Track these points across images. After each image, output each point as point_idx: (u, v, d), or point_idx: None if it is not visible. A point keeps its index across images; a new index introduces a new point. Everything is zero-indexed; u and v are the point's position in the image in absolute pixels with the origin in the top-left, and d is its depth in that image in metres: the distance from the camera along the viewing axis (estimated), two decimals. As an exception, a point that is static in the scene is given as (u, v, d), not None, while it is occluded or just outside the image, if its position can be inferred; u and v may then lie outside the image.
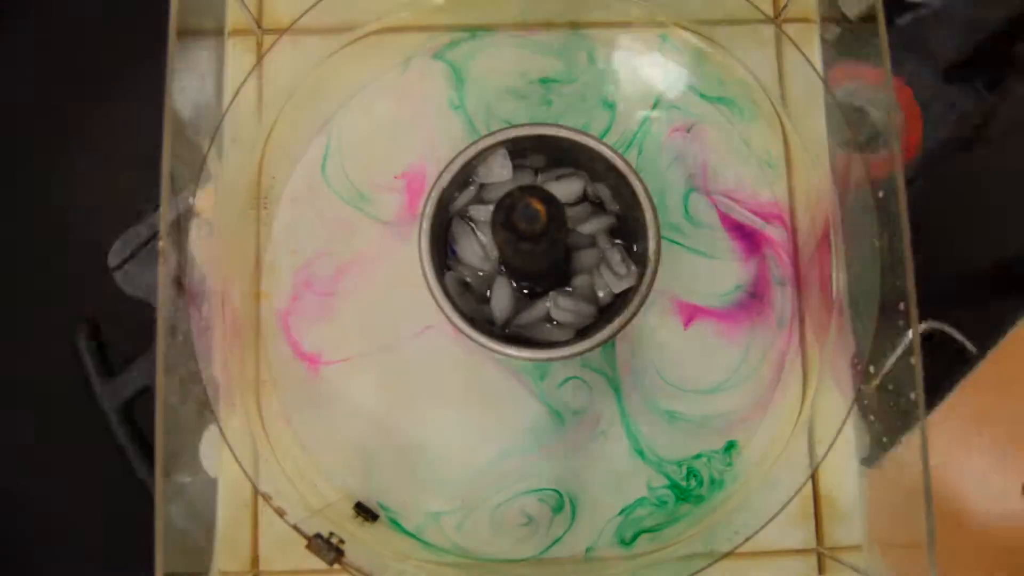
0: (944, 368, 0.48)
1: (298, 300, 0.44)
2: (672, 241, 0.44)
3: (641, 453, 0.42)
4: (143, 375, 0.50)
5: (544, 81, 0.45)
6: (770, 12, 0.46)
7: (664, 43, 0.46)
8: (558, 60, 0.46)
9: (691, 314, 0.44)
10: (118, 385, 0.50)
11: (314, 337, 0.43)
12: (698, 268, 0.44)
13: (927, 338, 0.47)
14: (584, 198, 0.42)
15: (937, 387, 0.48)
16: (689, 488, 0.42)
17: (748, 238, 0.44)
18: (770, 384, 0.43)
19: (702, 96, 0.45)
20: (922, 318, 0.36)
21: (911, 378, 0.35)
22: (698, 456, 0.43)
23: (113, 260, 0.51)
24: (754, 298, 0.44)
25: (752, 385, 0.43)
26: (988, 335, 0.49)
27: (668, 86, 0.45)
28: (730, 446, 0.43)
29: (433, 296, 0.38)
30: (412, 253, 0.39)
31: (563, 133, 0.39)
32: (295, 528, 0.38)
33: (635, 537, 0.42)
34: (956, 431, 0.48)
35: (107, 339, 0.52)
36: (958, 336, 0.48)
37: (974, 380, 0.48)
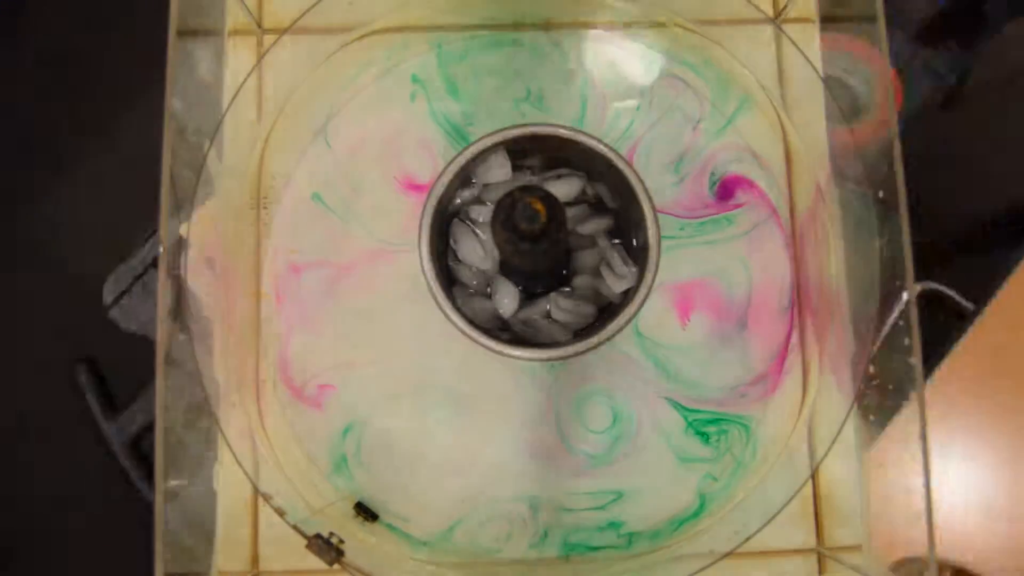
0: (943, 327, 0.49)
1: (297, 308, 0.44)
2: (670, 236, 0.44)
3: (665, 449, 0.42)
4: (147, 411, 0.50)
5: (542, 80, 0.45)
6: (770, 12, 0.46)
7: (664, 44, 0.46)
8: (557, 60, 0.46)
9: (691, 312, 0.44)
10: (123, 422, 0.50)
11: (314, 339, 0.43)
12: (698, 265, 0.44)
13: (924, 300, 0.47)
14: (583, 197, 0.42)
15: (938, 346, 0.49)
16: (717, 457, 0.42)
17: (745, 230, 0.44)
18: (770, 383, 0.43)
19: (701, 94, 0.45)
20: (917, 279, 0.36)
21: (911, 377, 0.35)
22: (713, 422, 0.43)
23: (108, 297, 0.51)
24: (753, 295, 0.44)
25: (751, 384, 0.43)
26: (983, 290, 0.49)
27: (667, 86, 0.45)
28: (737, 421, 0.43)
29: (434, 297, 0.38)
30: (412, 254, 0.39)
31: (562, 132, 0.39)
32: (295, 528, 0.38)
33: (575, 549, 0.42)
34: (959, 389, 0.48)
35: (109, 376, 0.52)
36: (955, 296, 0.48)
37: (974, 335, 0.49)
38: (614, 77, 0.45)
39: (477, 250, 0.41)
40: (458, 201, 0.42)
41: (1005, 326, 0.49)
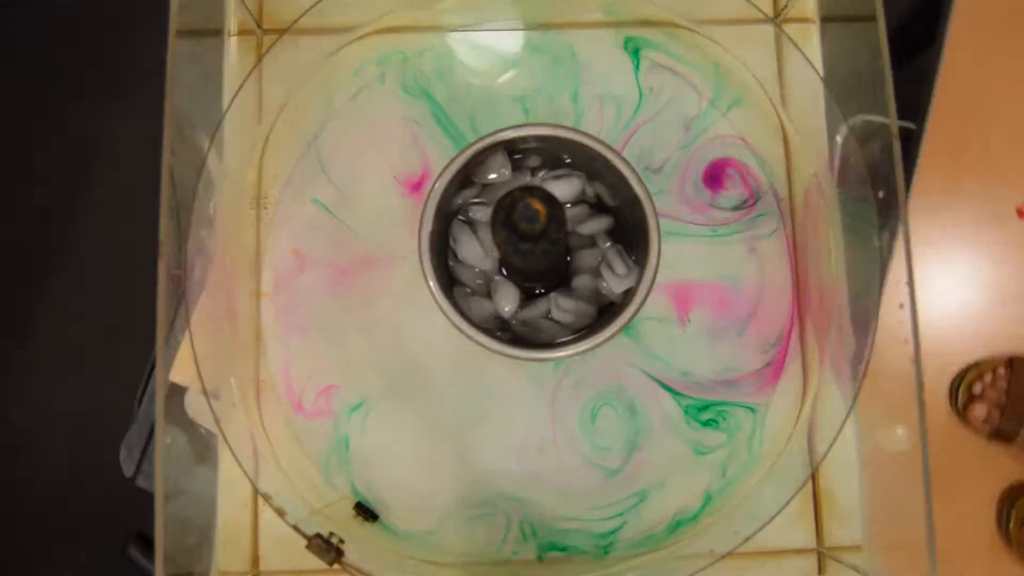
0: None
1: (297, 308, 0.44)
2: (671, 234, 0.44)
3: (677, 442, 0.42)
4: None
5: (540, 79, 0.45)
6: (770, 12, 0.46)
7: (664, 43, 0.46)
8: (555, 60, 0.46)
9: (691, 310, 0.44)
10: None
11: (314, 339, 0.43)
12: (698, 264, 0.44)
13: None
14: (583, 198, 0.42)
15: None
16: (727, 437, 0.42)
17: (746, 229, 0.44)
18: (771, 383, 0.43)
19: (700, 93, 0.45)
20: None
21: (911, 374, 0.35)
22: (715, 407, 0.43)
23: (127, 468, 0.50)
24: (754, 293, 0.44)
25: (752, 384, 0.43)
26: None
27: (667, 85, 0.45)
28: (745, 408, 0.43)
29: (434, 297, 0.38)
30: (412, 254, 0.39)
31: (563, 132, 0.39)
32: (295, 528, 0.38)
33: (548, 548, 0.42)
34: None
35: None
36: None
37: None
38: (613, 76, 0.45)
39: (477, 250, 0.41)
40: (458, 201, 0.42)
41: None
